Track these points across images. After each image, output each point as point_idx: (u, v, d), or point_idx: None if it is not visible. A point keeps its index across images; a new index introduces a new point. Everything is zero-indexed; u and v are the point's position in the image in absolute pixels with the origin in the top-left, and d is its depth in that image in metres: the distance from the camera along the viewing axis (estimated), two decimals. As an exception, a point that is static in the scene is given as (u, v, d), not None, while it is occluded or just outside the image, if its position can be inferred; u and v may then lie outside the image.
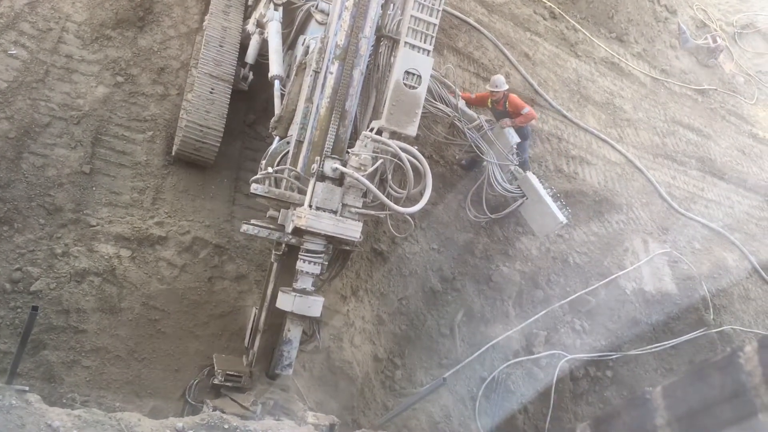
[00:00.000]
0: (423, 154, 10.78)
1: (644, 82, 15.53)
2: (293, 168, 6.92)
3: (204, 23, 9.44)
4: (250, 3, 9.78)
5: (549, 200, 10.33)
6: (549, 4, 14.94)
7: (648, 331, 11.53)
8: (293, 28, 8.97)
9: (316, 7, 8.56)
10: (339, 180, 6.59)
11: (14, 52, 8.57)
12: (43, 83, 8.56)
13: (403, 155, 6.42)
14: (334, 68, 6.84)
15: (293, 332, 6.79)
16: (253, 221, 6.89)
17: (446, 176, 11.10)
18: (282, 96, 7.97)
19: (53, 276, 7.53)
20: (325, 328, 8.53)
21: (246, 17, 9.72)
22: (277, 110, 7.89)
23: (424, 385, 9.36)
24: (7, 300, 7.26)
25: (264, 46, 8.99)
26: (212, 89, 8.72)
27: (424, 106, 9.79)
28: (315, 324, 8.19)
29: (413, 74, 6.90)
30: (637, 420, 8.53)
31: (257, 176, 6.92)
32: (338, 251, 7.57)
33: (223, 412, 6.18)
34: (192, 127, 8.47)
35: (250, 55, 9.31)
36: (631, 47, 15.95)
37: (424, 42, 6.94)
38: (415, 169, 6.45)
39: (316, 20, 8.41)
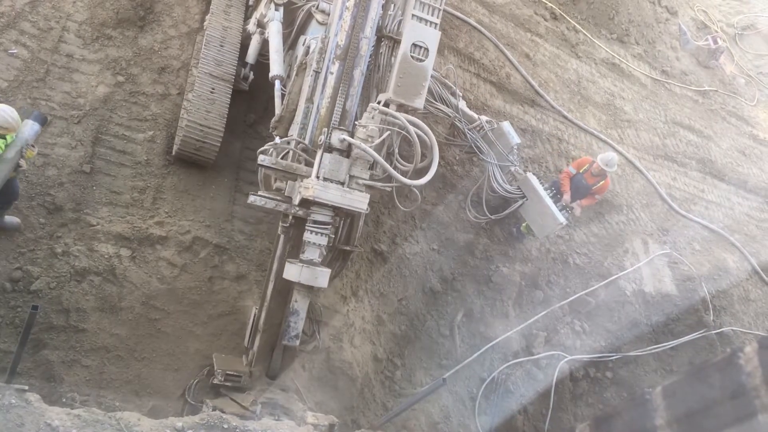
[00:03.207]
0: (422, 155, 10.90)
1: (645, 83, 15.53)
2: (300, 140, 6.92)
3: (205, 23, 9.45)
4: (250, 3, 9.79)
5: (549, 201, 10.32)
6: (550, 5, 14.94)
7: (648, 332, 11.53)
8: (294, 28, 8.97)
9: (317, 7, 8.56)
10: (346, 152, 6.57)
11: (15, 51, 8.58)
12: (43, 82, 8.57)
13: (411, 128, 6.41)
14: (335, 68, 6.84)
15: (300, 303, 6.75)
16: (260, 193, 6.86)
17: (446, 177, 11.09)
18: (283, 96, 7.97)
19: (53, 275, 7.53)
20: (325, 328, 8.53)
21: (247, 17, 9.73)
22: (277, 110, 7.89)
23: (423, 385, 9.36)
24: (7, 299, 7.26)
25: (265, 46, 8.99)
26: (213, 89, 8.72)
27: (424, 107, 9.86)
28: (315, 324, 8.20)
29: (420, 47, 6.93)
30: (637, 420, 8.54)
31: (264, 147, 6.89)
32: (339, 251, 7.59)
33: (223, 412, 6.19)
34: (192, 126, 8.47)
35: (251, 55, 9.32)
36: (631, 48, 15.95)
37: (432, 15, 6.95)
38: (422, 141, 6.43)
39: (317, 20, 8.41)
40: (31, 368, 7.07)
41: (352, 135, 6.57)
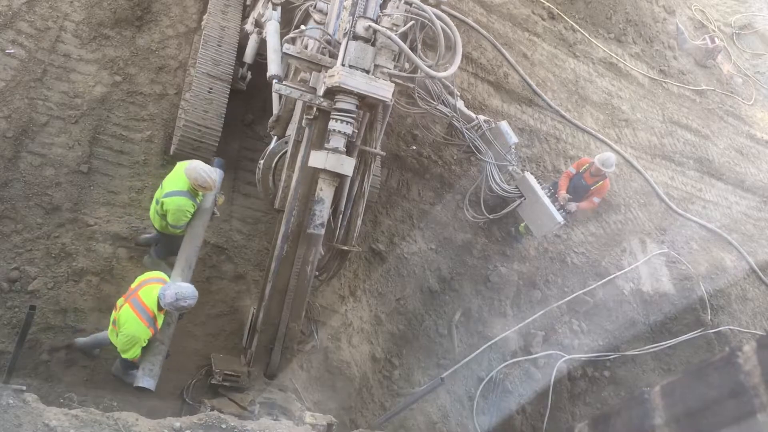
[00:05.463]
0: (421, 155, 10.92)
1: (642, 82, 15.55)
2: (326, 30, 6.93)
3: (202, 23, 9.44)
4: (248, 2, 9.78)
5: (546, 201, 10.32)
6: (547, 4, 14.95)
7: (646, 331, 11.55)
8: (292, 27, 8.96)
9: (315, 7, 8.54)
10: (372, 40, 6.55)
11: (12, 51, 8.56)
12: (41, 82, 8.55)
13: (436, 20, 6.42)
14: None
15: (325, 192, 6.74)
16: (285, 82, 6.87)
17: (444, 176, 11.10)
18: (280, 96, 7.96)
19: (51, 275, 7.52)
20: (323, 328, 8.54)
21: (244, 17, 9.72)
22: (275, 110, 7.89)
23: (422, 385, 9.36)
24: (5, 299, 7.24)
25: (262, 45, 8.97)
26: (210, 89, 8.71)
27: (422, 107, 9.86)
28: (313, 324, 8.20)
29: None
30: (636, 420, 8.54)
31: (290, 35, 6.92)
32: (336, 251, 7.58)
33: (221, 412, 6.18)
34: (190, 126, 8.46)
35: (249, 55, 9.30)
36: (629, 48, 15.97)
37: None
38: (445, 35, 6.44)
39: (315, 20, 8.39)
40: (28, 368, 7.05)
41: (377, 23, 6.54)
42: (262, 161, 7.73)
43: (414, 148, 11.00)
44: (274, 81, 8.23)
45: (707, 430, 7.68)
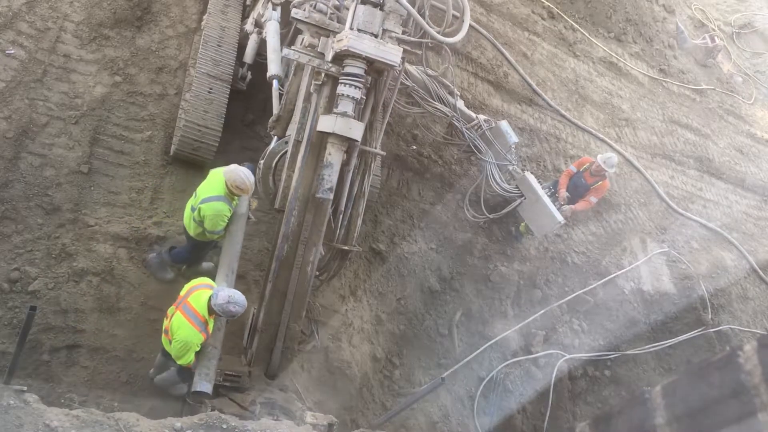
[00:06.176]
0: (421, 155, 10.92)
1: (642, 81, 15.54)
2: None
3: (202, 23, 9.44)
4: (248, 2, 9.78)
5: (547, 200, 10.32)
6: (547, 3, 14.94)
7: (646, 330, 11.55)
8: (292, 27, 8.96)
9: (314, 7, 8.54)
10: (380, 4, 6.56)
11: (12, 51, 8.56)
12: (41, 83, 8.55)
13: None
14: (333, 68, 6.83)
15: (334, 156, 6.70)
16: (293, 47, 6.84)
17: (444, 176, 11.10)
18: (280, 96, 7.96)
19: (51, 276, 7.52)
20: (323, 328, 8.53)
21: (244, 17, 9.72)
22: (275, 110, 7.89)
23: (422, 384, 9.36)
24: (5, 300, 7.24)
25: (262, 45, 8.98)
26: (210, 89, 8.71)
27: (421, 106, 9.86)
28: (313, 324, 8.19)
29: None
30: (637, 419, 8.54)
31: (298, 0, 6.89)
32: (337, 251, 7.58)
33: (222, 412, 6.17)
34: (190, 126, 8.46)
35: (249, 55, 9.30)
36: (629, 47, 15.96)
37: None
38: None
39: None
40: (29, 369, 7.06)
41: None
42: (262, 161, 7.73)
43: (414, 147, 10.99)
44: (274, 81, 8.25)
45: (708, 430, 7.68)
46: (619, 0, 16.05)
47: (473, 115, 10.51)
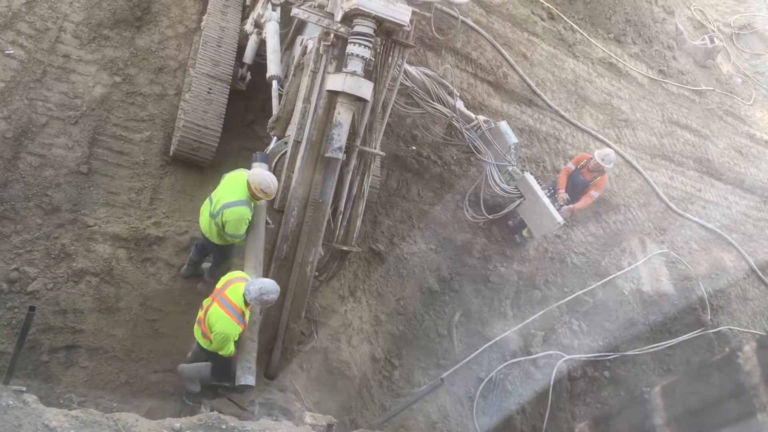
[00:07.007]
0: (420, 156, 10.92)
1: (642, 82, 15.55)
2: None
3: (202, 23, 9.44)
4: (248, 3, 9.78)
5: (546, 201, 10.32)
6: (547, 4, 14.95)
7: (645, 331, 11.54)
8: (291, 28, 8.97)
9: (314, 7, 8.55)
10: None
11: (12, 51, 8.56)
12: (40, 83, 8.54)
13: None
14: (332, 68, 6.83)
15: (343, 115, 6.71)
16: (303, 6, 6.84)
17: (444, 176, 11.10)
18: (280, 96, 7.97)
19: (50, 276, 7.51)
20: (322, 328, 8.53)
21: (244, 17, 9.72)
22: (275, 110, 7.89)
23: (421, 385, 9.35)
24: (4, 300, 7.23)
25: (262, 46, 8.99)
26: (210, 89, 8.71)
27: (421, 107, 9.86)
28: (313, 324, 8.19)
29: None
30: (636, 420, 8.55)
31: None
32: (336, 251, 7.57)
33: (221, 412, 6.17)
34: (190, 127, 8.46)
35: (248, 55, 9.31)
36: (628, 48, 15.97)
37: None
38: None
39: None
40: (28, 369, 7.05)
41: None
42: (261, 161, 7.72)
43: (414, 148, 11.00)
44: (274, 81, 8.26)
45: (707, 430, 7.69)
46: (619, 1, 16.05)
47: (473, 115, 10.51)
